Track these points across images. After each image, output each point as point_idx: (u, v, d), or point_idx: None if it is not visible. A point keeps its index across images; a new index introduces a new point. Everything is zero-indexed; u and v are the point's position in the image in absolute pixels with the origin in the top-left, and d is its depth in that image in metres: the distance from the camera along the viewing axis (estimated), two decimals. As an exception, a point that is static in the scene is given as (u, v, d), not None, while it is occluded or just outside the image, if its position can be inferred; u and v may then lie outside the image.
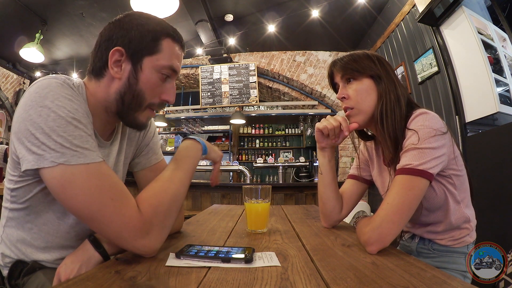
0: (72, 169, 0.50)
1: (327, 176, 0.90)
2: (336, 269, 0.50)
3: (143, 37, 0.62)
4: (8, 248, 0.65)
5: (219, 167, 0.81)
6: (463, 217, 0.79)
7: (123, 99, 0.63)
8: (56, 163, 0.49)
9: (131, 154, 0.82)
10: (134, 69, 0.62)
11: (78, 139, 0.51)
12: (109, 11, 3.29)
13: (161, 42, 0.63)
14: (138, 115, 0.66)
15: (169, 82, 0.66)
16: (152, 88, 0.64)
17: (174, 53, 0.65)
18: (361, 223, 0.71)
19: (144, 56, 0.62)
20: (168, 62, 0.64)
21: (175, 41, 0.65)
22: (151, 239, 0.54)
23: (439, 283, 0.44)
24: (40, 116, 0.50)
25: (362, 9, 3.16)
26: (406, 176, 0.66)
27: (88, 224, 0.52)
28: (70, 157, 0.50)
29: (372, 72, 0.79)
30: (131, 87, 0.62)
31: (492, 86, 1.83)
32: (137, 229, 0.52)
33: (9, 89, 4.72)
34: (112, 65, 0.62)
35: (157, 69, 0.63)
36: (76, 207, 0.50)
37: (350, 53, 0.85)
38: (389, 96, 0.77)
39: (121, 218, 0.51)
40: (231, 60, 4.39)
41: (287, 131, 6.05)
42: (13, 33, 3.76)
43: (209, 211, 1.29)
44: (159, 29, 0.63)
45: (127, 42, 0.61)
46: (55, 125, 0.50)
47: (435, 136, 0.68)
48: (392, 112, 0.76)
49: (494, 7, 2.14)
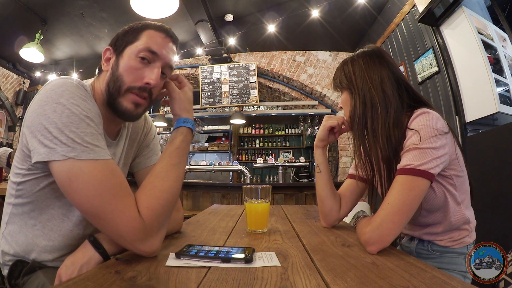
0: (80, 164, 0.51)
1: (326, 174, 0.92)
2: (336, 269, 0.50)
3: (127, 33, 0.69)
4: (9, 245, 0.65)
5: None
6: (463, 218, 0.79)
7: (108, 86, 0.67)
8: (66, 157, 0.51)
9: (133, 154, 0.84)
10: (116, 59, 0.68)
11: (89, 136, 0.54)
12: (109, 11, 3.29)
13: (141, 33, 0.68)
14: (121, 101, 0.66)
15: (150, 66, 0.67)
16: (130, 71, 0.66)
17: (153, 39, 0.68)
18: (362, 223, 0.71)
19: (125, 47, 0.68)
20: (145, 45, 0.66)
21: (156, 30, 0.69)
22: (151, 242, 0.54)
23: (439, 283, 0.44)
24: (55, 112, 0.53)
25: (362, 9, 3.16)
26: (407, 176, 0.66)
27: (91, 220, 0.53)
28: (80, 152, 0.52)
29: (346, 85, 0.86)
30: (113, 74, 0.67)
31: (492, 86, 1.83)
32: (137, 231, 0.52)
33: (9, 89, 4.72)
34: (103, 62, 0.70)
35: (135, 54, 0.66)
36: (80, 201, 0.52)
37: (340, 64, 0.91)
38: (359, 106, 0.81)
39: (122, 218, 0.51)
40: (231, 60, 4.39)
41: (287, 131, 6.05)
42: (13, 33, 3.76)
43: (209, 211, 1.29)
44: (141, 24, 0.70)
45: (115, 41, 0.70)
46: (68, 121, 0.52)
47: (437, 136, 0.68)
48: (364, 119, 0.80)
49: (494, 7, 2.14)
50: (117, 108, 0.67)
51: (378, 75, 0.81)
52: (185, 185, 3.02)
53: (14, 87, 4.80)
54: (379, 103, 0.78)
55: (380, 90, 0.79)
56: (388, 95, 0.79)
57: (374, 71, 0.81)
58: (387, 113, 0.78)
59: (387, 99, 0.79)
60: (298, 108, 4.53)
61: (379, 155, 0.78)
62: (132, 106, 0.67)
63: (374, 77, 0.81)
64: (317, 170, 0.93)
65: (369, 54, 0.85)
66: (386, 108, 0.78)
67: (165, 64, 0.69)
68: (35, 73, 4.88)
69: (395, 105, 0.78)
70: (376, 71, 0.81)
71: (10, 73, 4.67)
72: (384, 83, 0.80)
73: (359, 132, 0.82)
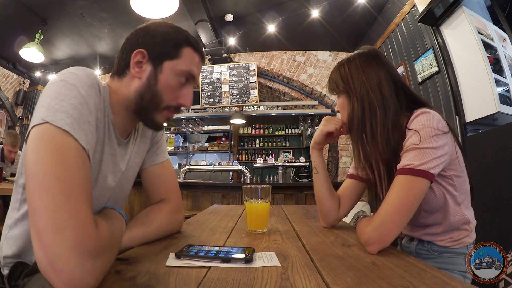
0: (50, 129, 0.44)
1: (323, 175, 0.92)
2: (336, 269, 0.50)
3: (166, 43, 0.65)
4: (10, 247, 0.65)
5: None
6: (462, 219, 0.79)
7: (142, 97, 0.65)
8: (44, 120, 0.45)
9: (145, 152, 0.82)
10: (154, 71, 0.65)
11: (78, 114, 0.49)
12: (109, 11, 3.29)
13: (182, 49, 0.66)
14: (156, 115, 0.67)
15: (186, 87, 0.69)
16: (170, 91, 0.66)
17: (193, 61, 0.68)
18: (362, 223, 0.71)
19: (164, 60, 0.65)
20: (187, 67, 0.66)
21: (195, 51, 0.69)
22: (97, 265, 0.39)
23: (439, 283, 0.44)
24: (58, 86, 0.50)
25: (362, 9, 3.16)
26: (407, 176, 0.66)
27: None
28: (59, 119, 0.45)
29: (343, 88, 0.83)
30: (150, 87, 0.65)
31: (492, 86, 1.83)
32: (90, 244, 0.39)
33: (9, 89, 4.73)
34: (133, 65, 0.65)
35: (176, 73, 0.65)
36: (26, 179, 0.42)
37: (335, 66, 0.89)
38: (357, 109, 0.79)
39: (74, 220, 0.39)
40: (231, 60, 4.39)
41: (287, 131, 6.05)
42: (13, 33, 3.76)
43: (209, 211, 1.29)
44: (182, 37, 0.67)
45: (151, 45, 0.65)
46: (66, 92, 0.49)
47: (436, 135, 0.68)
48: (363, 122, 0.79)
49: (494, 7, 2.14)
50: (149, 120, 0.68)
51: (376, 77, 0.80)
52: (185, 185, 3.02)
53: (14, 87, 4.80)
54: (378, 105, 0.77)
55: (378, 92, 0.78)
56: (386, 97, 0.78)
57: (372, 73, 0.80)
58: (386, 115, 0.77)
59: (386, 101, 0.78)
60: (298, 108, 4.53)
61: (378, 157, 0.78)
62: (164, 120, 0.70)
63: (372, 79, 0.80)
64: (314, 172, 0.93)
65: (365, 55, 0.83)
66: (384, 111, 0.77)
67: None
68: (35, 73, 4.88)
69: (393, 107, 0.78)
70: (373, 73, 0.80)
71: (10, 73, 4.67)
72: (382, 84, 0.79)
73: (358, 136, 0.81)
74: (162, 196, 0.79)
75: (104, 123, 0.63)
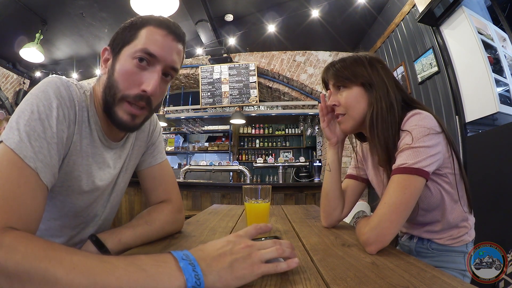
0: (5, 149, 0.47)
1: (336, 173, 0.90)
2: (336, 269, 0.50)
3: (124, 30, 0.62)
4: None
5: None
6: (461, 216, 0.80)
7: (105, 93, 0.61)
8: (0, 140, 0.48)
9: (140, 155, 0.82)
10: (113, 61, 0.62)
11: (35, 136, 0.49)
12: (109, 11, 3.29)
13: (140, 31, 0.61)
14: (116, 110, 0.60)
15: (149, 71, 0.60)
16: (125, 77, 0.59)
17: (153, 37, 0.60)
18: (361, 223, 0.71)
19: (122, 48, 0.61)
20: (142, 45, 0.59)
21: (157, 27, 0.61)
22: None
23: (439, 283, 0.44)
24: (23, 102, 0.52)
25: (362, 9, 3.16)
26: (402, 175, 0.66)
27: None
28: (12, 140, 0.47)
29: (363, 79, 0.80)
30: (109, 79, 0.61)
31: (492, 86, 1.83)
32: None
33: (9, 89, 4.72)
34: (102, 63, 0.64)
35: (132, 56, 0.59)
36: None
37: (342, 58, 0.86)
38: (380, 104, 0.77)
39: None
40: (231, 60, 4.39)
41: (287, 131, 6.05)
42: (13, 33, 3.76)
43: (209, 211, 1.29)
44: (140, 20, 0.62)
45: (113, 39, 0.64)
46: (28, 115, 0.50)
47: (429, 135, 0.68)
48: (383, 120, 0.76)
49: (494, 7, 2.14)
50: (113, 118, 0.61)
51: (392, 77, 0.81)
52: (185, 185, 3.02)
53: (14, 87, 4.80)
54: (396, 106, 0.77)
55: (392, 93, 0.78)
56: (397, 99, 0.79)
57: (388, 73, 0.81)
58: (395, 117, 0.77)
59: (397, 103, 0.78)
60: (298, 108, 4.52)
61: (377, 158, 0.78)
62: (128, 117, 0.61)
63: (390, 78, 0.80)
64: (327, 168, 0.93)
65: (375, 57, 0.85)
66: (395, 112, 0.77)
67: (167, 66, 0.62)
68: (35, 73, 4.88)
69: (399, 109, 0.78)
70: (389, 73, 0.82)
71: (10, 73, 4.67)
72: (398, 86, 0.81)
73: (373, 136, 0.78)
74: (162, 197, 0.79)
75: (82, 129, 0.62)
